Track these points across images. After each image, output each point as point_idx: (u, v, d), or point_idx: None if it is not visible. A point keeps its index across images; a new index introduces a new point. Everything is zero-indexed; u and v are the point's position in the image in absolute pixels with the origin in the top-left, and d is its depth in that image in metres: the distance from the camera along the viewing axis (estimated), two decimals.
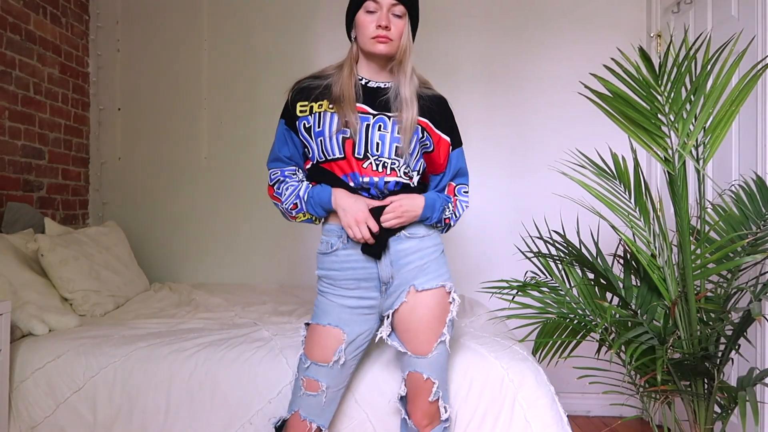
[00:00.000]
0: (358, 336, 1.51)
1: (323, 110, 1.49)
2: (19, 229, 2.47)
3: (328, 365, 1.47)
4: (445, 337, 1.49)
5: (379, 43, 1.46)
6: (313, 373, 1.48)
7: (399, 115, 1.47)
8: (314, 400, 1.48)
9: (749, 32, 2.06)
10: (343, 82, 1.49)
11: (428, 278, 1.49)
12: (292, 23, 3.15)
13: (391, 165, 1.48)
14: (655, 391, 1.62)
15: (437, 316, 1.49)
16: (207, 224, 3.19)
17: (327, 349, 1.48)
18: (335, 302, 1.50)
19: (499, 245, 3.01)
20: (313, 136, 1.50)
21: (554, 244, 1.86)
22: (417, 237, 1.51)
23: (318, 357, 1.48)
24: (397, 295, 1.50)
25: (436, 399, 1.49)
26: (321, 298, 1.53)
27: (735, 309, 1.51)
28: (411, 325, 1.48)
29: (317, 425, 1.50)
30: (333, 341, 1.48)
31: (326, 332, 1.49)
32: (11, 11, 2.62)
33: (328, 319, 1.49)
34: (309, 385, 1.48)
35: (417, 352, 1.48)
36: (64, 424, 1.72)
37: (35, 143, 2.79)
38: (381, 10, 1.45)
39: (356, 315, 1.50)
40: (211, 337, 1.90)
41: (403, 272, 1.49)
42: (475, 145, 3.08)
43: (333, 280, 1.51)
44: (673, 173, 1.45)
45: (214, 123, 3.20)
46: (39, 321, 1.93)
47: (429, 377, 1.48)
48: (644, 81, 1.40)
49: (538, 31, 3.05)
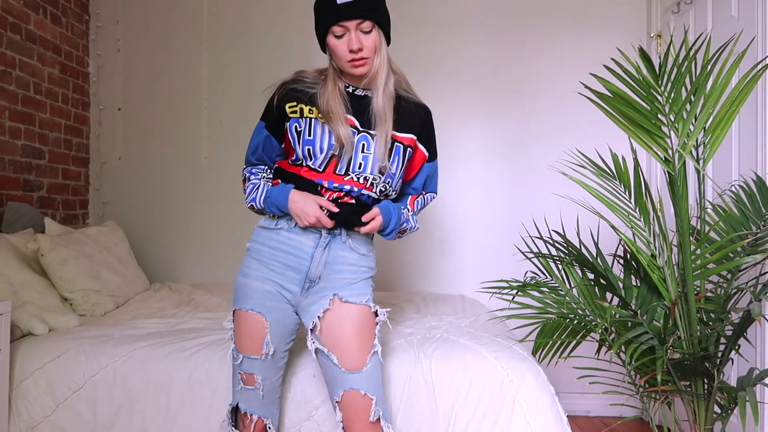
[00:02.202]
0: (282, 326, 1.49)
1: (314, 116, 1.46)
2: (19, 229, 2.47)
3: (261, 358, 1.46)
4: (377, 348, 1.45)
5: (356, 66, 1.41)
6: (247, 367, 1.47)
7: (383, 135, 1.45)
8: (252, 393, 1.48)
9: (749, 32, 2.06)
10: (329, 97, 1.44)
11: (354, 293, 1.47)
12: (292, 23, 3.15)
13: (372, 180, 1.47)
14: (655, 391, 1.62)
15: (366, 328, 1.45)
16: (207, 224, 3.19)
17: (255, 339, 1.46)
18: (256, 286, 1.47)
19: (499, 245, 3.01)
20: (301, 142, 1.46)
21: (554, 245, 1.86)
22: (358, 253, 1.50)
23: (249, 350, 1.47)
24: (318, 299, 1.47)
25: (377, 418, 1.41)
26: (242, 280, 1.49)
27: (735, 309, 1.51)
28: (342, 338, 1.43)
29: (258, 416, 1.49)
30: (259, 329, 1.46)
31: (251, 319, 1.46)
32: (11, 11, 2.62)
33: (250, 304, 1.46)
34: (247, 379, 1.48)
35: (350, 366, 1.41)
36: (64, 423, 1.72)
37: (35, 143, 2.79)
38: (349, 32, 1.38)
39: (275, 303, 1.47)
40: (211, 337, 1.90)
41: (332, 278, 1.47)
42: (475, 145, 3.09)
43: (261, 257, 1.48)
44: (673, 173, 1.45)
45: (214, 123, 3.20)
46: (39, 321, 1.93)
47: (366, 393, 1.40)
48: (644, 81, 1.40)
49: (539, 31, 3.05)
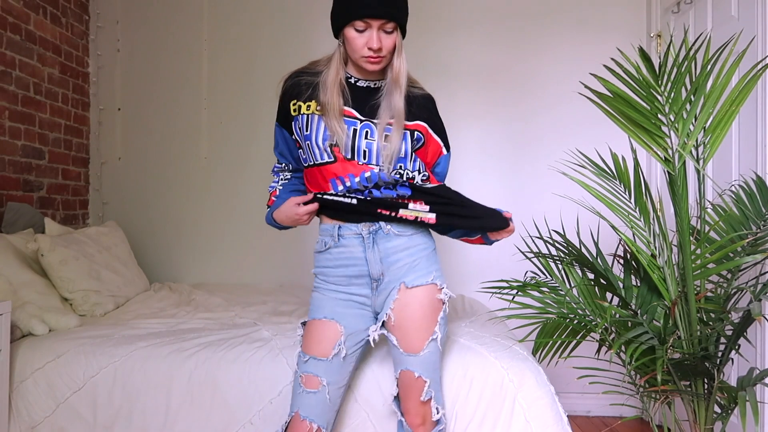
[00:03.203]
0: (355, 330, 1.50)
1: (311, 112, 1.48)
2: (19, 229, 2.47)
3: (328, 359, 1.46)
4: (436, 336, 1.48)
5: (370, 63, 1.42)
6: (312, 368, 1.46)
7: (386, 123, 1.45)
8: (314, 398, 1.45)
9: (749, 32, 2.06)
10: (329, 87, 1.45)
11: (418, 275, 1.49)
12: (292, 23, 3.15)
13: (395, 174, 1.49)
14: (655, 391, 1.62)
15: (428, 313, 1.48)
16: (207, 224, 3.19)
17: (325, 342, 1.47)
18: (329, 296, 1.52)
19: (499, 245, 2.99)
20: (302, 139, 1.50)
21: (554, 244, 1.86)
22: (406, 235, 1.51)
23: (317, 351, 1.46)
24: (388, 292, 1.50)
25: (428, 399, 1.48)
26: (315, 294, 1.55)
27: (735, 309, 1.51)
28: (403, 322, 1.48)
29: (318, 425, 1.44)
30: (331, 334, 1.47)
31: (323, 325, 1.49)
32: (11, 11, 2.62)
33: (323, 313, 1.50)
34: (308, 381, 1.45)
35: (408, 349, 1.47)
36: (64, 424, 1.72)
37: (35, 143, 2.79)
38: (371, 29, 1.39)
39: (350, 308, 1.51)
40: (211, 337, 1.90)
41: (393, 269, 1.49)
42: (475, 145, 3.09)
43: (326, 277, 1.53)
44: (673, 173, 1.45)
45: (214, 123, 3.20)
46: (39, 321, 1.93)
47: (420, 375, 1.46)
48: (644, 81, 1.40)
49: (538, 31, 3.05)
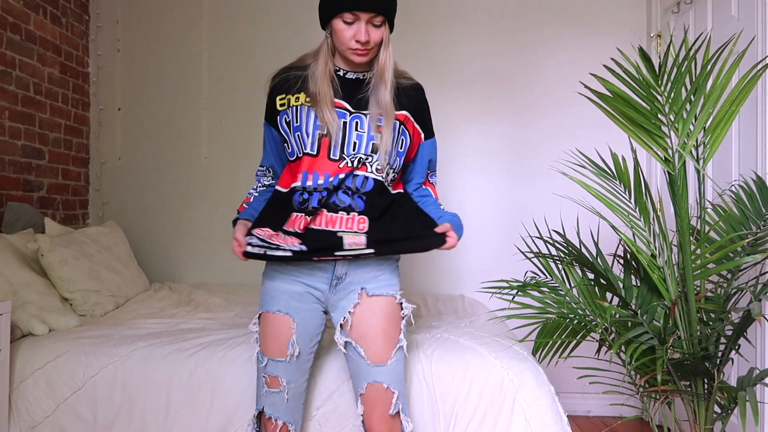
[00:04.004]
0: (308, 326, 1.48)
1: (300, 104, 1.47)
2: (19, 229, 2.47)
3: (286, 360, 1.45)
4: (402, 343, 1.47)
5: (357, 55, 1.42)
6: (271, 370, 1.46)
7: (376, 115, 1.45)
8: (277, 396, 1.47)
9: (749, 32, 2.06)
10: (318, 78, 1.44)
11: (381, 285, 1.48)
12: (292, 23, 3.14)
13: (365, 160, 1.45)
14: (655, 391, 1.62)
15: (392, 323, 1.47)
16: (207, 224, 3.19)
17: (280, 340, 1.45)
18: (283, 288, 1.47)
19: (499, 245, 3.01)
20: (291, 131, 1.48)
21: (554, 245, 1.86)
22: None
23: (273, 352, 1.46)
24: (347, 294, 1.48)
25: (396, 412, 1.44)
26: (270, 284, 1.50)
27: (735, 309, 1.51)
28: (368, 330, 1.45)
29: (283, 422, 1.47)
30: (285, 331, 1.45)
31: (277, 320, 1.46)
32: (11, 11, 2.62)
33: (277, 306, 1.47)
34: (271, 382, 1.47)
35: (376, 360, 1.44)
36: (64, 424, 1.72)
37: (35, 143, 2.79)
38: (359, 21, 1.39)
39: (304, 303, 1.48)
40: (211, 337, 1.90)
41: (358, 272, 1.48)
42: (475, 145, 3.09)
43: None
44: (673, 173, 1.45)
45: (214, 123, 3.20)
46: (39, 321, 1.93)
47: (389, 387, 1.44)
48: (644, 81, 1.40)
49: (538, 31, 3.05)
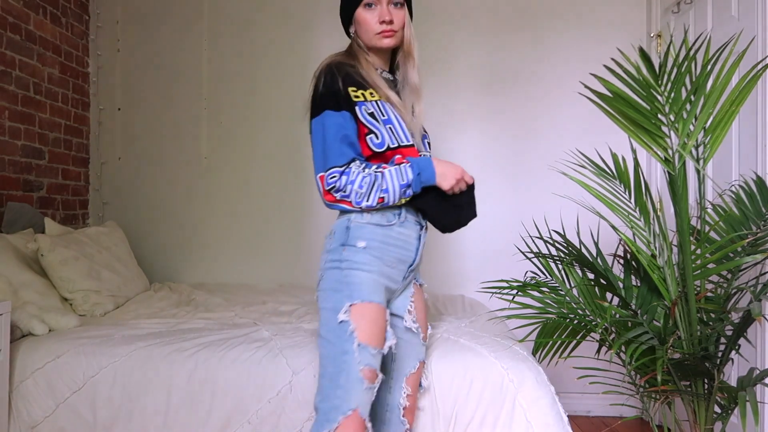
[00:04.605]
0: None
1: (377, 98, 1.44)
2: (19, 229, 2.47)
3: (383, 351, 1.37)
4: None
5: (385, 37, 1.46)
6: (375, 362, 1.34)
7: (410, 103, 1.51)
8: (371, 393, 1.34)
9: (749, 32, 2.06)
10: (372, 74, 1.46)
11: (419, 275, 1.62)
12: (292, 23, 3.15)
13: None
14: (655, 391, 1.62)
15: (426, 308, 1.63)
16: (207, 224, 3.19)
17: (382, 332, 1.36)
18: (379, 281, 1.39)
19: (499, 245, 3.01)
20: (380, 123, 1.41)
21: (554, 245, 1.86)
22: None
23: (378, 341, 1.35)
24: (408, 283, 1.54)
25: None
26: (365, 275, 1.37)
27: (735, 309, 1.50)
28: (421, 315, 1.58)
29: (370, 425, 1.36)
30: (384, 323, 1.38)
31: (382, 312, 1.37)
32: (11, 11, 2.62)
33: (380, 297, 1.38)
34: (372, 376, 1.33)
35: (425, 340, 1.60)
36: (64, 424, 1.72)
37: (35, 143, 2.79)
38: (381, 4, 1.44)
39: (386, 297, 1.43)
40: (211, 337, 1.90)
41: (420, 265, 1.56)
42: (474, 145, 3.09)
43: (382, 254, 1.41)
44: (673, 173, 1.45)
45: (214, 123, 3.20)
46: (39, 321, 1.93)
47: (424, 360, 1.61)
48: (644, 81, 1.40)
49: (538, 31, 3.05)
